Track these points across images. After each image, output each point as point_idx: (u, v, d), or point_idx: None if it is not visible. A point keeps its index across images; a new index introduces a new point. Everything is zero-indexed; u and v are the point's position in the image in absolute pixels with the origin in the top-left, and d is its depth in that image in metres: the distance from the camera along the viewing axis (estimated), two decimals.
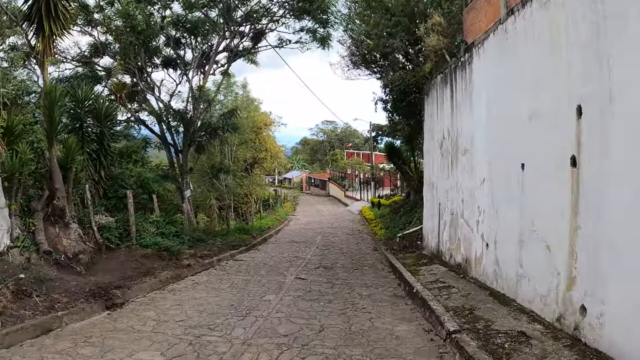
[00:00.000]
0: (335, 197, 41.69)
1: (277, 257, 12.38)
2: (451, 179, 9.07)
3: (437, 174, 10.25)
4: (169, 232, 11.34)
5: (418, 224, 13.37)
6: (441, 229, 9.84)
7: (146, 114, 16.36)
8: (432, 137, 10.66)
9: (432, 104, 10.58)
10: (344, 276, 9.48)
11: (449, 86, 9.11)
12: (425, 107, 11.46)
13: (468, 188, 7.96)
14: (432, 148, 10.66)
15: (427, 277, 8.39)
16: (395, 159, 19.24)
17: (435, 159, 10.34)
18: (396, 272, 9.49)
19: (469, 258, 7.86)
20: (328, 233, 19.60)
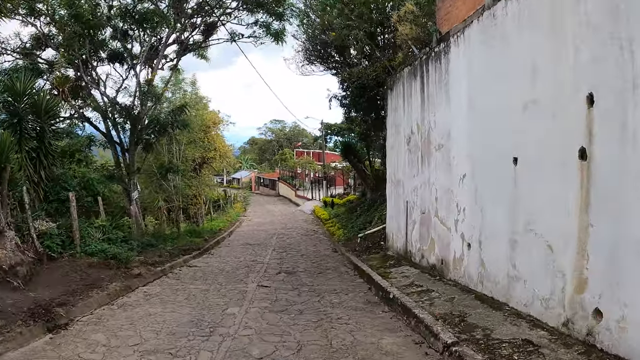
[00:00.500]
0: (285, 197, 40.80)
1: (233, 262, 11.52)
2: (421, 175, 8.63)
3: (403, 171, 9.81)
4: (117, 237, 10.32)
5: (380, 223, 12.94)
6: (409, 228, 9.40)
7: (90, 110, 14.75)
8: (398, 132, 10.21)
9: (398, 97, 10.13)
10: (308, 282, 8.81)
11: (418, 78, 8.66)
12: (388, 102, 11.00)
13: (443, 185, 7.54)
14: (398, 144, 10.22)
15: (400, 280, 7.89)
16: (351, 156, 18.82)
17: (401, 155, 9.90)
18: (363, 275, 8.94)
19: (446, 259, 7.43)
20: (282, 234, 18.85)
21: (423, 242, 8.58)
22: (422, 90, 8.52)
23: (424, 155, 8.46)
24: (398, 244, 10.29)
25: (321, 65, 19.30)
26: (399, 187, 10.19)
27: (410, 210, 9.34)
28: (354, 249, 12.29)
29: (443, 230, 7.58)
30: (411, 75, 9.14)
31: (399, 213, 10.22)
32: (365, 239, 12.55)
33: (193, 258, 12.06)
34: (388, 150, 11.15)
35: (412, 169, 9.15)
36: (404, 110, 9.71)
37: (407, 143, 9.46)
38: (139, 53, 15.51)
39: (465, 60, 6.61)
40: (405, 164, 9.62)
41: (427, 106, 8.28)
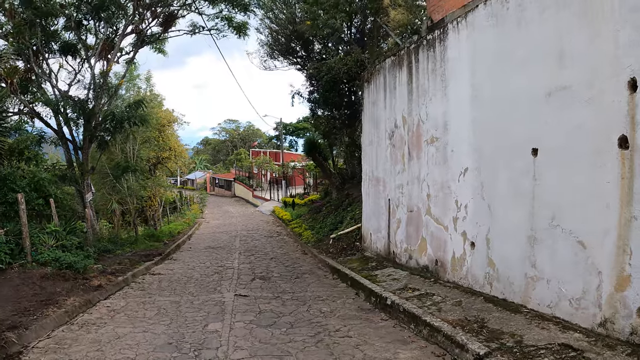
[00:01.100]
0: (242, 198, 39.50)
1: (200, 268, 10.62)
2: (408, 172, 8.19)
3: (384, 168, 9.34)
4: (71, 244, 9.26)
5: (353, 223, 12.43)
6: (393, 228, 8.94)
7: (41, 105, 13.20)
8: (377, 127, 9.74)
9: (377, 90, 9.66)
10: (287, 288, 8.13)
11: (405, 69, 8.22)
12: (365, 96, 10.52)
13: (438, 181, 7.11)
14: (377, 139, 9.74)
15: (391, 283, 7.38)
16: (315, 154, 18.21)
17: (382, 151, 9.43)
18: (346, 279, 8.40)
19: (442, 259, 7.01)
20: (245, 236, 17.98)
21: (411, 242, 8.13)
22: (409, 82, 8.07)
23: (412, 150, 8.02)
24: (378, 244, 9.81)
25: (285, 59, 18.59)
26: (379, 184, 9.71)
27: (394, 209, 8.87)
28: (328, 251, 11.70)
29: (437, 229, 7.15)
30: (395, 65, 8.68)
31: (378, 212, 9.74)
32: (339, 240, 11.99)
33: (155, 264, 11.05)
34: (365, 147, 10.65)
35: (396, 165, 8.69)
36: (385, 103, 9.24)
37: (390, 138, 9.00)
38: (93, 44, 14.19)
39: (467, 47, 6.20)
40: (387, 160, 9.15)
41: (416, 98, 7.84)
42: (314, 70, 13.92)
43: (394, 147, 8.82)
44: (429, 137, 7.40)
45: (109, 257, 10.87)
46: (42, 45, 13.16)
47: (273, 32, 17.73)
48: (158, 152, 25.98)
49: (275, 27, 17.61)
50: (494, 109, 5.74)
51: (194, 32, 16.92)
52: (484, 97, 5.90)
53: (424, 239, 7.63)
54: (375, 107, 9.81)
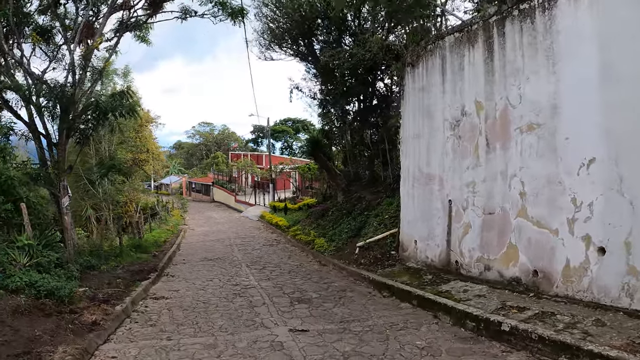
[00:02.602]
0: (222, 203, 37.32)
1: (212, 288, 8.90)
2: (485, 166, 6.91)
3: (441, 163, 8.03)
4: (49, 261, 7.42)
5: (382, 229, 11.02)
6: (457, 234, 7.62)
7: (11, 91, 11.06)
8: (428, 116, 8.43)
9: (429, 74, 8.38)
10: (343, 313, 6.60)
11: (480, 45, 6.95)
12: (407, 82, 9.20)
13: (541, 176, 5.85)
14: (427, 131, 8.45)
15: (480, 301, 6.03)
16: (319, 154, 16.71)
17: (437, 144, 8.13)
18: (407, 298, 7.05)
19: (546, 270, 5.74)
20: (242, 245, 16.29)
21: (489, 251, 6.81)
22: (487, 60, 6.80)
23: (493, 141, 6.73)
24: (428, 253, 8.45)
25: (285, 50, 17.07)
26: (431, 183, 8.37)
27: (459, 211, 7.54)
28: (357, 262, 10.22)
29: (539, 233, 5.88)
30: (462, 43, 7.40)
31: (429, 216, 8.40)
32: (368, 249, 10.53)
33: (153, 284, 9.29)
34: (407, 141, 9.31)
35: (464, 160, 7.38)
36: (443, 88, 7.94)
37: (452, 128, 7.68)
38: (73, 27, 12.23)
39: (591, 16, 5.04)
40: (447, 154, 7.83)
41: (499, 78, 6.58)
42: (329, 57, 12.45)
43: (459, 138, 7.51)
44: (523, 124, 6.12)
45: (93, 274, 9.07)
46: (15, 26, 11.17)
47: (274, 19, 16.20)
48: (135, 154, 23.97)
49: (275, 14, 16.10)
50: (636, 89, 4.55)
51: (185, 17, 15.20)
52: (621, 75, 4.68)
53: (513, 246, 6.33)
54: (426, 94, 8.49)
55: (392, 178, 13.75)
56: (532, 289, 5.94)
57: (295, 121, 59.65)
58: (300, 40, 16.19)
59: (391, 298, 7.41)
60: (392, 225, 10.69)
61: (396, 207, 11.32)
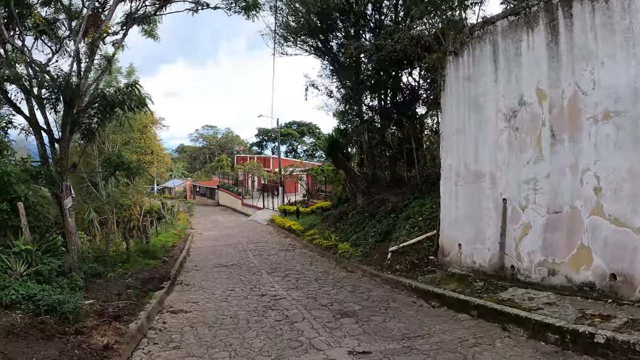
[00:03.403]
0: (228, 207, 36.80)
1: (235, 299, 8.32)
2: (550, 160, 6.50)
3: (493, 159, 7.60)
4: (50, 269, 6.87)
5: (417, 232, 10.55)
6: (513, 235, 7.17)
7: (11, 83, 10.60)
8: (475, 108, 8.01)
9: (477, 63, 8.00)
10: (399, 328, 6.08)
11: (542, 29, 6.55)
12: (449, 72, 8.78)
13: (622, 169, 5.44)
14: (475, 124, 8.04)
15: (553, 310, 5.58)
16: (337, 155, 16.23)
17: (488, 138, 7.71)
18: (465, 308, 6.59)
19: (627, 273, 5.39)
20: (256, 250, 15.82)
21: (554, 253, 6.36)
22: (552, 43, 6.40)
23: (560, 132, 6.30)
24: (476, 258, 8.00)
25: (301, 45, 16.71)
26: (480, 181, 7.92)
27: (516, 211, 7.09)
28: (391, 268, 9.76)
29: (618, 232, 5.46)
30: (518, 27, 6.99)
31: (479, 216, 7.95)
32: (402, 253, 10.05)
33: (167, 294, 8.71)
34: (448, 136, 8.87)
35: (523, 154, 6.94)
36: (495, 76, 7.53)
37: (507, 119, 7.25)
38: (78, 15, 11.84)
39: None
40: (501, 149, 7.40)
41: (567, 63, 6.19)
42: (354, 49, 12.04)
43: (515, 130, 7.07)
44: (598, 113, 5.70)
45: (100, 283, 8.51)
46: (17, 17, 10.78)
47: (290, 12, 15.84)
48: (140, 156, 23.60)
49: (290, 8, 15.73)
50: None
51: (197, 10, 14.82)
52: None
53: (585, 248, 5.89)
54: (473, 84, 8.07)
55: (420, 178, 13.31)
56: (609, 295, 5.49)
57: (301, 124, 59.44)
58: (317, 35, 15.85)
59: (442, 308, 6.95)
60: (427, 228, 10.23)
61: (431, 209, 10.88)
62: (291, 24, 15.71)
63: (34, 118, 10.72)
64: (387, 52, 11.11)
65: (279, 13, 15.99)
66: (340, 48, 16.27)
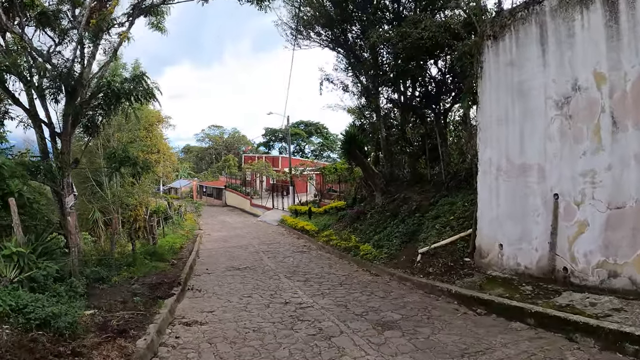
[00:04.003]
0: (236, 207, 36.40)
1: (256, 308, 7.70)
2: (611, 150, 6.04)
3: (542, 150, 7.14)
4: (46, 274, 6.37)
5: (449, 232, 10.06)
6: (566, 234, 6.70)
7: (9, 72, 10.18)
8: (519, 96, 7.56)
9: (521, 46, 7.54)
10: (455, 343, 5.49)
11: (598, 5, 6.06)
12: (487, 57, 8.31)
13: None
14: (520, 112, 7.56)
15: (623, 317, 5.14)
16: (355, 151, 15.75)
17: (538, 128, 7.24)
18: (517, 315, 6.14)
19: None
20: (269, 252, 15.35)
21: (616, 253, 5.88)
22: (612, 22, 5.92)
23: (623, 119, 5.81)
24: (521, 259, 7.51)
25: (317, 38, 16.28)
26: (525, 175, 7.43)
27: (570, 207, 6.61)
28: (423, 271, 9.26)
29: None
30: (570, 5, 6.48)
31: (523, 214, 7.47)
32: (434, 255, 9.56)
33: (177, 301, 8.13)
34: (488, 127, 8.38)
35: (578, 144, 6.46)
36: (543, 60, 7.06)
37: (560, 107, 6.76)
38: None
39: None
40: (553, 139, 6.92)
41: (629, 43, 5.69)
42: (377, 38, 11.57)
43: (569, 118, 6.58)
44: None
45: (103, 289, 8.04)
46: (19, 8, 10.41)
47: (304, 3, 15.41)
48: (146, 154, 23.29)
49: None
50: None
51: None
52: None
53: None
54: (517, 70, 7.60)
55: (447, 176, 12.83)
56: None
57: (308, 124, 59.15)
58: (333, 26, 15.42)
59: (491, 316, 6.46)
60: (460, 227, 9.75)
61: (463, 207, 10.41)
62: (307, 14, 15.28)
63: (34, 110, 10.32)
64: (414, 40, 10.63)
65: (292, 5, 15.58)
66: (357, 39, 15.86)
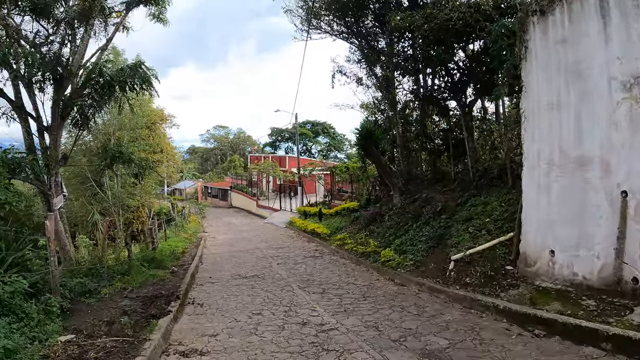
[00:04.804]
0: (242, 209, 35.52)
1: (270, 332, 6.49)
2: None
3: (610, 140, 6.08)
4: (14, 291, 5.50)
5: (483, 236, 9.02)
6: (637, 239, 5.62)
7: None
8: (580, 76, 6.51)
9: (577, 20, 6.53)
10: None
11: None
12: (534, 36, 7.30)
13: None
14: (581, 96, 6.53)
15: None
16: (372, 147, 14.73)
17: (600, 114, 6.20)
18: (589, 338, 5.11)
19: None
20: (278, 257, 14.37)
21: None
22: None
23: None
24: (578, 268, 6.48)
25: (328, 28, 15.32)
26: (587, 169, 6.40)
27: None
28: (458, 281, 8.22)
29: None
30: None
31: (583, 215, 6.44)
32: (469, 262, 8.50)
33: (174, 320, 7.06)
34: (536, 114, 7.35)
35: None
36: (605, 35, 6.01)
37: (628, 89, 5.74)
38: None
39: None
40: (619, 126, 5.88)
41: None
42: (399, 21, 10.55)
43: (639, 102, 5.53)
44: None
45: (89, 305, 7.25)
46: None
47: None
48: (148, 154, 22.50)
49: None
50: None
51: None
52: None
53: None
54: (571, 47, 6.58)
55: (475, 173, 11.79)
56: None
57: (315, 124, 58.43)
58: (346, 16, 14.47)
59: (553, 338, 5.43)
60: (498, 231, 8.71)
61: (500, 207, 9.39)
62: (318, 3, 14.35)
63: (20, 101, 9.41)
64: (442, 21, 9.60)
65: None
66: (373, 27, 14.90)
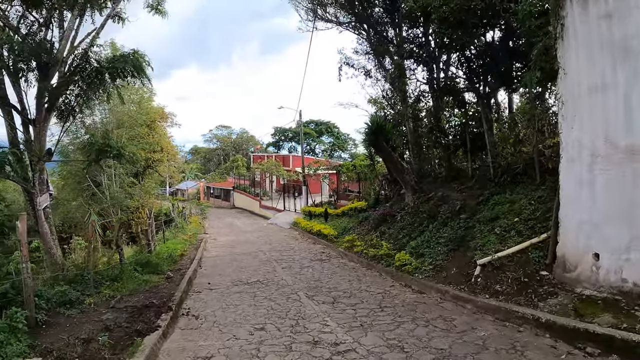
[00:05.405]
0: (245, 209, 34.81)
1: (274, 353, 5.64)
2: None
3: None
4: None
5: (512, 238, 8.16)
6: None
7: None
8: (629, 53, 5.69)
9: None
10: None
11: None
12: (571, 11, 6.44)
13: None
14: (632, 76, 5.70)
15: None
16: (382, 142, 13.85)
17: None
18: None
19: None
20: (283, 260, 13.56)
21: None
22: None
23: None
24: (627, 273, 5.73)
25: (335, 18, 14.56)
26: (635, 161, 5.56)
27: None
28: (486, 288, 7.38)
29: None
30: None
31: (632, 215, 5.60)
32: (499, 267, 7.64)
33: (164, 337, 6.28)
34: (577, 98, 6.50)
35: None
36: None
37: None
38: None
39: None
40: None
41: None
42: (416, 2, 9.75)
43: None
44: None
45: (69, 316, 6.67)
46: None
47: None
48: (148, 153, 21.75)
49: None
50: None
51: None
52: None
53: None
54: (617, 22, 5.77)
55: (497, 169, 10.96)
56: None
57: (319, 123, 57.87)
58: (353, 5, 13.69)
59: (610, 358, 4.59)
60: (530, 231, 7.87)
61: (530, 205, 8.55)
62: None
63: (3, 91, 8.69)
64: (462, 2, 8.78)
65: None
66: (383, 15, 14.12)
